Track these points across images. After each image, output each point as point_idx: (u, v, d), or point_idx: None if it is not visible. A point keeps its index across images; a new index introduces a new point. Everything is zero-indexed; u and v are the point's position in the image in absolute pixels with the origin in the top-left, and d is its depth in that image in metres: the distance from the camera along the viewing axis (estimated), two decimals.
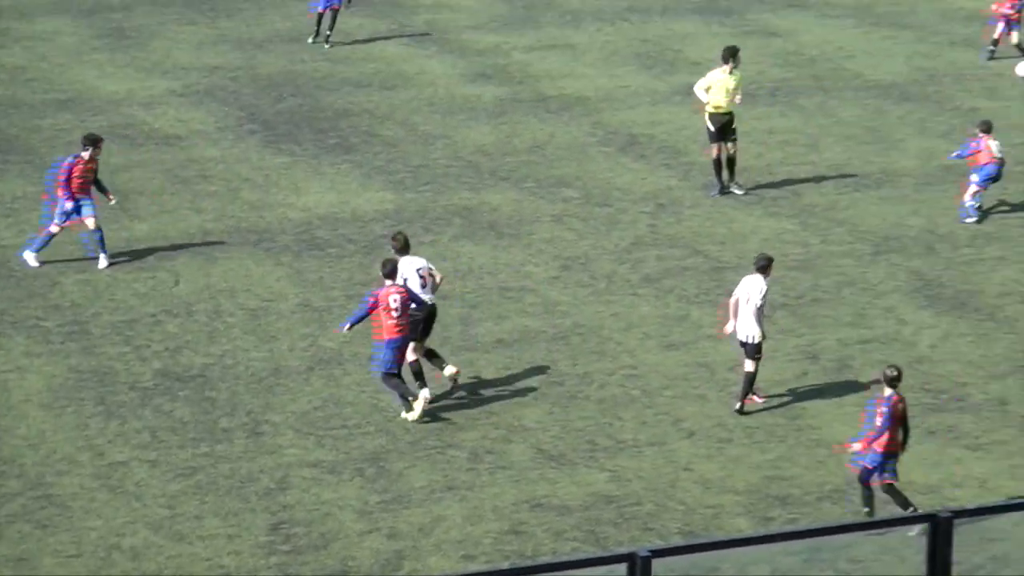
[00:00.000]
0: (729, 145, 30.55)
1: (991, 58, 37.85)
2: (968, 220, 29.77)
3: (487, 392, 23.98)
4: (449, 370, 23.58)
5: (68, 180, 27.20)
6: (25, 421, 22.99)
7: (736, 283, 24.57)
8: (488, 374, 24.42)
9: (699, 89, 30.54)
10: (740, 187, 30.84)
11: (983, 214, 29.62)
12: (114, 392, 23.79)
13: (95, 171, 27.50)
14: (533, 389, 24.07)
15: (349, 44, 38.66)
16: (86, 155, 27.35)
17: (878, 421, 20.24)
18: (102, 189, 27.57)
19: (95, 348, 25.00)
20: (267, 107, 34.76)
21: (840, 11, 41.14)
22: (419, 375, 23.26)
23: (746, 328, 23.02)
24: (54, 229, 27.45)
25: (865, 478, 20.49)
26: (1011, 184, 31.00)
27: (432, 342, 23.75)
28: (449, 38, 39.22)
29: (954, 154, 30.55)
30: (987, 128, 29.84)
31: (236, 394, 23.75)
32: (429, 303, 23.43)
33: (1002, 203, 30.41)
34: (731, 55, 30.42)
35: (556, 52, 37.35)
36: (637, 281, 27.35)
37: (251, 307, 26.33)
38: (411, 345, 23.13)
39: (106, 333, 25.43)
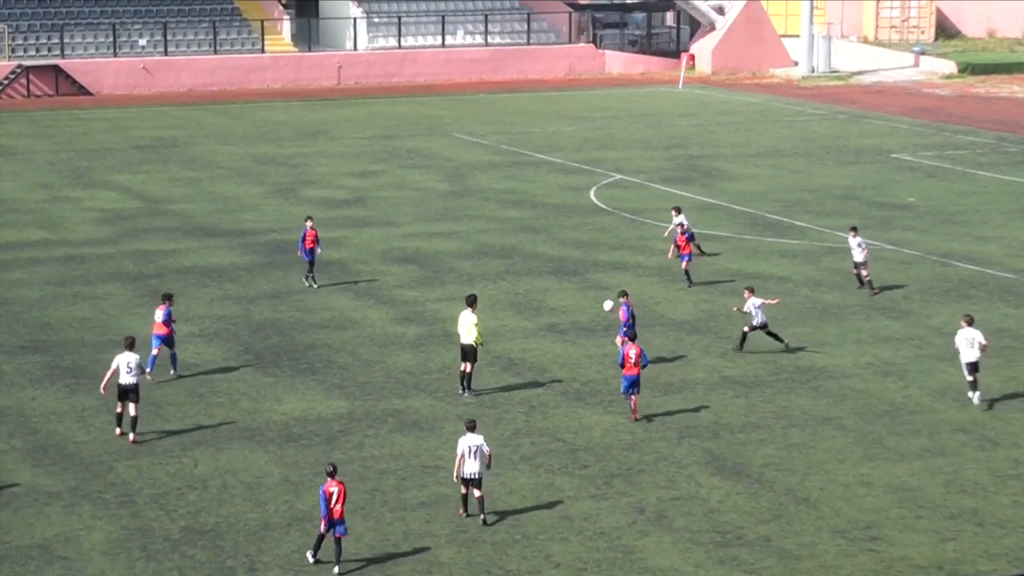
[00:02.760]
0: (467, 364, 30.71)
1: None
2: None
3: (414, 540, 23.95)
4: None
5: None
6: (91, 564, 22.73)
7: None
8: (414, 526, 24.43)
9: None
10: (469, 391, 30.75)
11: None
12: (152, 542, 23.58)
13: None
14: (447, 534, 24.10)
15: (313, 297, 38.77)
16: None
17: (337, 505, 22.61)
18: None
19: (139, 512, 24.76)
20: (258, 343, 34.75)
21: (648, 271, 41.68)
22: None
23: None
24: None
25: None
26: (767, 388, 31.47)
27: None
28: (382, 293, 39.39)
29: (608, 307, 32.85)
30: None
31: (238, 543, 23.61)
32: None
33: (767, 400, 30.81)
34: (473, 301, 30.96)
35: (456, 303, 37.67)
36: (517, 459, 27.49)
37: (246, 482, 26.16)
38: None
39: (147, 502, 25.21)
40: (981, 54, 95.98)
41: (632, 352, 28.95)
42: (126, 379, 28.02)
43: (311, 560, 22.84)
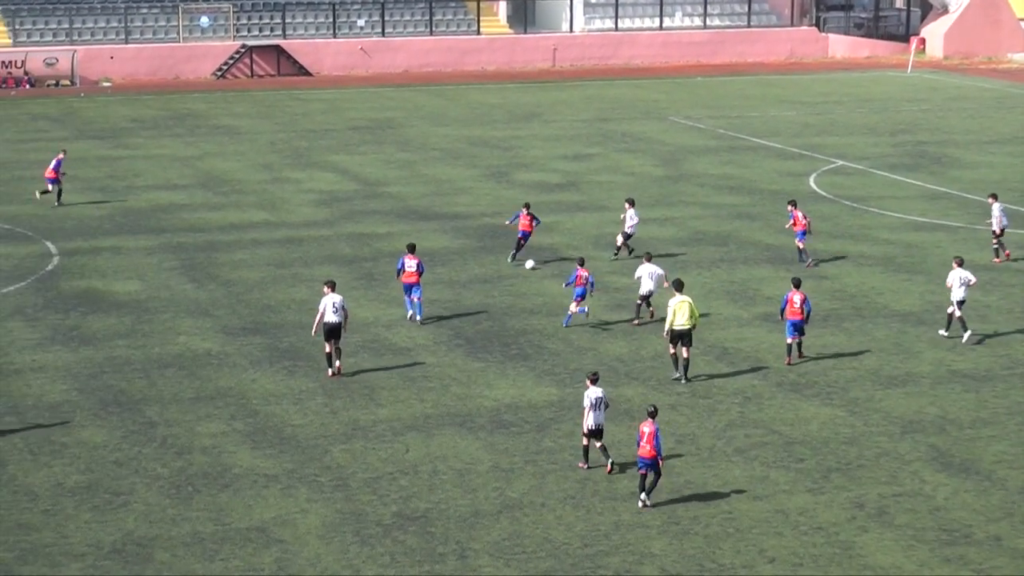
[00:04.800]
0: (683, 349, 30.84)
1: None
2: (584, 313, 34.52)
3: (625, 530, 23.94)
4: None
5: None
6: (307, 547, 23.28)
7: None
8: (626, 517, 24.40)
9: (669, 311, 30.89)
10: (685, 378, 30.83)
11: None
12: (365, 527, 24.03)
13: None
14: (659, 525, 24.05)
15: (525, 282, 39.01)
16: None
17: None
18: None
19: (352, 496, 25.25)
20: (469, 328, 35.12)
21: (871, 260, 40.95)
22: None
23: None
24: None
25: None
26: (1000, 383, 30.58)
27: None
28: (597, 280, 39.19)
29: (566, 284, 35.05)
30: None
31: (448, 529, 23.88)
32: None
33: (999, 395, 29.99)
34: (679, 286, 31.39)
35: (669, 292, 37.48)
36: (731, 452, 27.27)
37: (457, 468, 26.44)
38: None
39: (360, 486, 25.69)
40: None
41: (796, 298, 31.41)
42: (331, 318, 30.92)
43: (642, 503, 24.51)
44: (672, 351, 31.03)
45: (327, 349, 31.26)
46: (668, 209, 48.09)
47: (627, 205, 41.53)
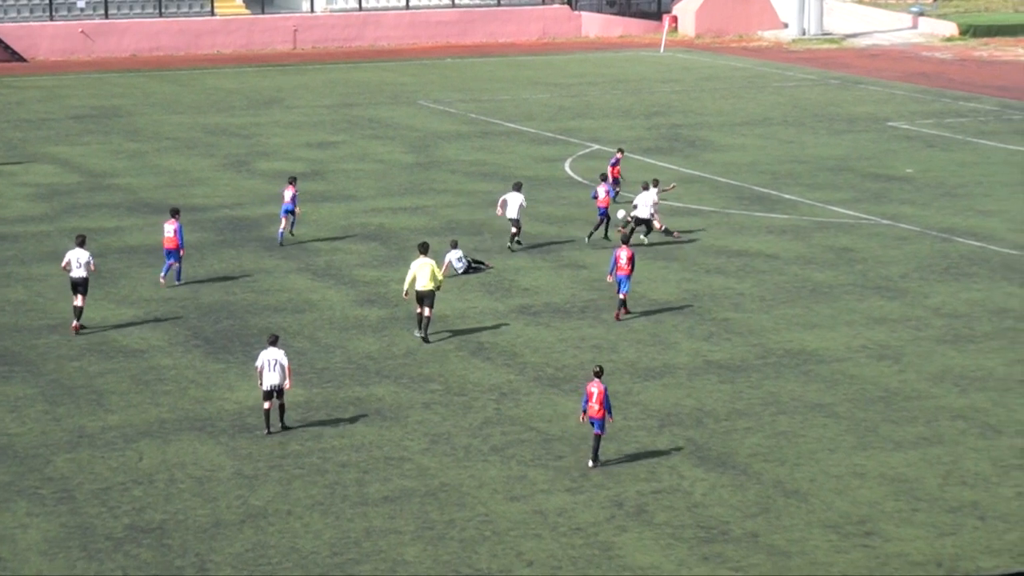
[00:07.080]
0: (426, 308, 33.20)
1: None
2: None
3: (377, 537, 23.96)
4: None
5: None
6: (28, 564, 22.68)
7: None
8: (377, 523, 24.44)
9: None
10: (425, 337, 33.24)
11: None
12: (94, 541, 23.52)
13: None
14: (412, 531, 24.12)
15: (268, 278, 38.69)
16: None
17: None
18: None
19: (79, 509, 24.69)
20: (208, 327, 34.67)
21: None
22: None
23: None
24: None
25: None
26: (755, 373, 31.57)
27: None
28: (343, 273, 39.36)
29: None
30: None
31: (186, 541, 23.57)
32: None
33: (754, 386, 30.91)
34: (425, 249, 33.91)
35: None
36: (487, 450, 27.51)
37: (196, 476, 26.11)
38: None
39: (87, 498, 25.13)
40: (984, 15, 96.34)
41: (623, 255, 34.59)
42: (77, 273, 33.28)
43: (591, 465, 26.29)
44: (418, 311, 33.28)
45: (74, 302, 33.38)
46: (419, 197, 48.27)
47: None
